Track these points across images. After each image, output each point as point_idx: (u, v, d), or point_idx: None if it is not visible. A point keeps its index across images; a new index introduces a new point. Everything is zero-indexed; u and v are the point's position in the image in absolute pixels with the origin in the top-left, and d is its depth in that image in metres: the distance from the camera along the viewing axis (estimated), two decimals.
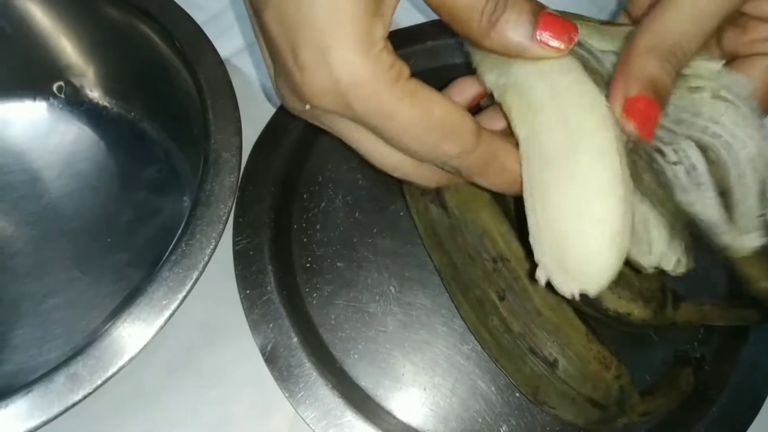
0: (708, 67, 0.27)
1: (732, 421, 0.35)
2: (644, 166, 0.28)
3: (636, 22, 0.31)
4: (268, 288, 0.37)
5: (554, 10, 0.25)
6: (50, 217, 0.40)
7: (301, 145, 0.41)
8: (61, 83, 0.44)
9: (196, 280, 0.30)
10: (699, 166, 0.27)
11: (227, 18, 0.47)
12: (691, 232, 0.29)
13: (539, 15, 0.24)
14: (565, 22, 0.24)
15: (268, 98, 0.43)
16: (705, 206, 0.28)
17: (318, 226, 0.40)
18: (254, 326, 0.36)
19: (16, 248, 0.40)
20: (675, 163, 0.27)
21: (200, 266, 0.30)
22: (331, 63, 0.22)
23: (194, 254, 0.30)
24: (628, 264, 0.32)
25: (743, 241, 0.28)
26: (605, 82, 0.27)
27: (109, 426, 0.35)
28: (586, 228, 0.24)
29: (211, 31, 0.38)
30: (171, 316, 0.29)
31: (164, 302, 0.29)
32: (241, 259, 0.37)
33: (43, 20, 0.41)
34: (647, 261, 0.30)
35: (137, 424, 0.35)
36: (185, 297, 0.29)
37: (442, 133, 0.24)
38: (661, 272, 0.30)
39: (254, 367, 0.35)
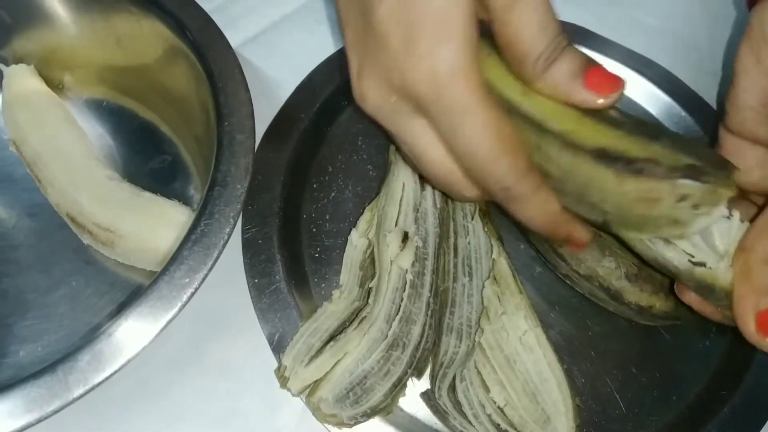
0: None
1: (744, 422, 0.35)
2: None
3: (737, 135, 0.32)
4: (277, 277, 0.36)
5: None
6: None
7: (312, 135, 0.41)
8: (62, 75, 0.44)
9: (217, 258, 0.29)
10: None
11: (234, 8, 0.47)
12: None
13: (589, 67, 0.27)
14: (612, 75, 0.27)
15: None
16: None
17: (327, 216, 0.40)
18: (262, 315, 0.35)
19: (19, 240, 0.40)
20: None
21: (220, 245, 0.30)
22: (440, 53, 0.25)
23: (213, 233, 0.30)
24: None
25: None
26: None
27: (116, 420, 0.34)
28: None
29: (218, 21, 0.38)
30: (192, 295, 0.28)
31: (186, 281, 0.28)
32: (249, 247, 0.37)
33: (43, 10, 0.41)
34: None
35: (144, 419, 0.34)
36: (206, 276, 0.29)
37: (507, 145, 0.27)
38: None
39: (263, 359, 0.35)
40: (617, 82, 0.27)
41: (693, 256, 0.28)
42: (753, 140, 0.32)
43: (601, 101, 0.26)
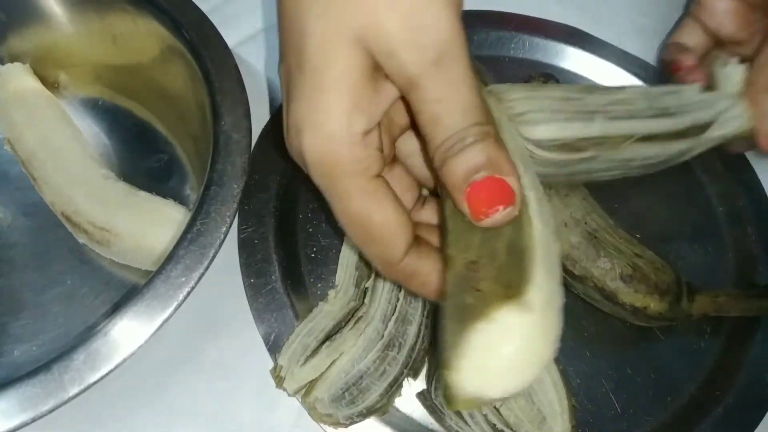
0: None
1: (738, 422, 0.35)
2: None
3: (705, 27, 0.37)
4: (273, 277, 0.36)
5: None
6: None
7: None
8: (58, 74, 0.44)
9: (212, 258, 0.29)
10: None
11: (231, 8, 0.47)
12: None
13: (481, 176, 0.23)
14: (499, 194, 0.23)
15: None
16: None
17: (323, 217, 0.40)
18: (258, 315, 0.35)
19: (14, 239, 0.40)
20: None
21: (216, 244, 0.30)
22: (304, 138, 0.24)
23: (209, 233, 0.30)
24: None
25: None
26: None
27: (111, 419, 0.34)
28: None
29: (214, 21, 0.38)
30: (188, 295, 0.28)
31: (181, 280, 0.28)
32: (245, 247, 0.37)
33: (39, 8, 0.41)
34: None
35: (140, 418, 0.34)
36: (202, 275, 0.29)
37: (372, 238, 0.25)
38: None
39: (259, 359, 0.35)
40: (496, 204, 0.23)
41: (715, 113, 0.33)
42: None
43: (476, 220, 0.23)
